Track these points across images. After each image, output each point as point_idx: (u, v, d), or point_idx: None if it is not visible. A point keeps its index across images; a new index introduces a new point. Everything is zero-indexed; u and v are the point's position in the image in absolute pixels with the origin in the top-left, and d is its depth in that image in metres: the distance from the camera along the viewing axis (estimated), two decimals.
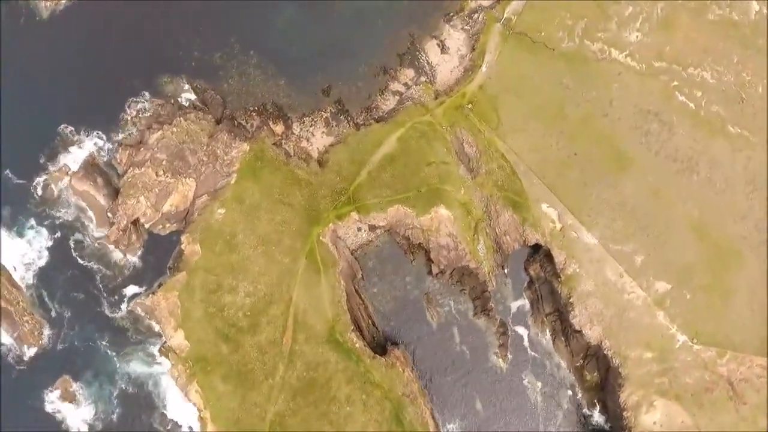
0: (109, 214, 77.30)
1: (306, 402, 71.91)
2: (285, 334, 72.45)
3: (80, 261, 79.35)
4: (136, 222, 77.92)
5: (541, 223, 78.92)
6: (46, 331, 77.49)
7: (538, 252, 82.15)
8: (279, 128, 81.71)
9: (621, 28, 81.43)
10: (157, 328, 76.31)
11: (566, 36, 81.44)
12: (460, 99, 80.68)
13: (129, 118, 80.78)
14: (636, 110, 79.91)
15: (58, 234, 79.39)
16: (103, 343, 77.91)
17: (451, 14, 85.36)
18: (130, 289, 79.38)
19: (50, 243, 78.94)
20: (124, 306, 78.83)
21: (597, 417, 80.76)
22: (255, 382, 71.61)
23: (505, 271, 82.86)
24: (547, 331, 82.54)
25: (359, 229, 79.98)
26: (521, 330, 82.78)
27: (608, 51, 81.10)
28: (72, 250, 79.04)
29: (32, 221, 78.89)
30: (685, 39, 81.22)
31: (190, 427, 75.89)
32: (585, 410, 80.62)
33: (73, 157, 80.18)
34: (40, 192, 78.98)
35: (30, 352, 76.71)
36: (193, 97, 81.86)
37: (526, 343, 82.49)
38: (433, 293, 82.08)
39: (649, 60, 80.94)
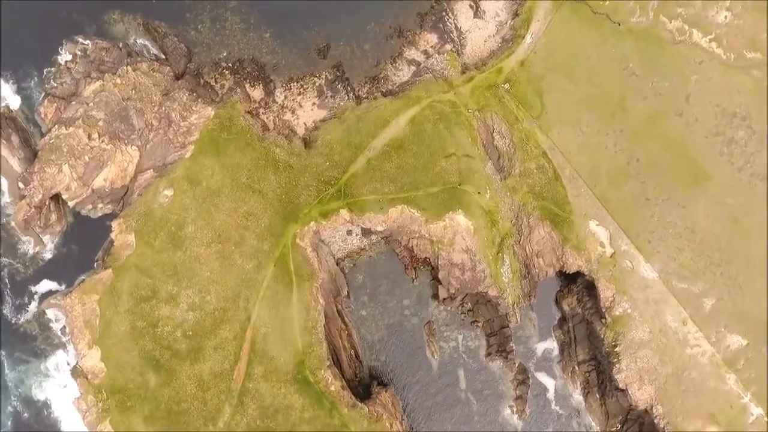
0: (21, 184, 67.75)
1: None
2: (237, 366, 64.25)
3: None
4: (57, 198, 69.59)
5: (586, 245, 71.18)
6: None
7: (577, 282, 74.90)
8: (257, 93, 73.95)
9: (707, 4, 72.47)
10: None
11: (638, 8, 72.34)
12: (494, 76, 72.46)
13: (63, 61, 71.86)
14: (718, 111, 71.50)
15: None
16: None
17: None
18: (43, 285, 70.34)
19: None
20: (32, 306, 70.23)
21: None
22: (189, 427, 62.86)
23: (532, 302, 75.28)
24: (578, 383, 75.16)
25: (349, 233, 72.33)
26: (545, 379, 75.56)
27: (689, 32, 72.15)
28: None
29: None
30: None
31: None
32: None
33: None
34: None
35: None
36: (148, 42, 73.50)
37: (550, 395, 75.15)
38: (437, 323, 75.04)
39: (740, 48, 72.08)
